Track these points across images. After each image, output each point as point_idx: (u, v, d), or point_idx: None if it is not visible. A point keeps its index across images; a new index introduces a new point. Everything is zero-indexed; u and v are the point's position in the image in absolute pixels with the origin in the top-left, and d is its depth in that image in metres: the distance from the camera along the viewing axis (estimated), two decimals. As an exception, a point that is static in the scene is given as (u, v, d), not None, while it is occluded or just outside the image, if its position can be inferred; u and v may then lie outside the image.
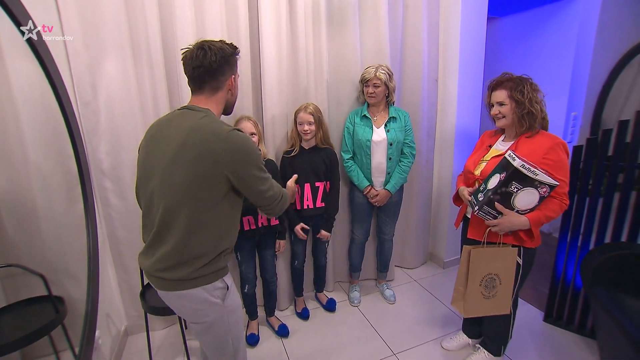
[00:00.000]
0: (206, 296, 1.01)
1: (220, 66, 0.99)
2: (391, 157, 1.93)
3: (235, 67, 1.06)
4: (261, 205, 1.05)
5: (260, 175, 0.99)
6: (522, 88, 1.30)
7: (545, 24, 2.89)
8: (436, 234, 2.63)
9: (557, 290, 1.92)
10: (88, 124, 1.57)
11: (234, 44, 1.05)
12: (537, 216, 1.23)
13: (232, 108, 1.13)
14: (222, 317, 1.06)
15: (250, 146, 0.97)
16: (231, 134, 0.93)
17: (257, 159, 0.99)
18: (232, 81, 1.04)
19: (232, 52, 1.03)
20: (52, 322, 1.44)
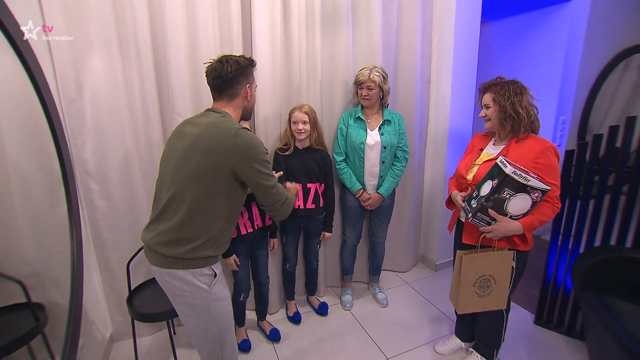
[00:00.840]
0: (192, 279, 1.08)
1: (235, 76, 1.12)
2: (384, 160, 1.91)
3: (251, 77, 1.18)
4: (266, 204, 1.15)
5: (264, 170, 1.08)
6: (504, 92, 1.31)
7: (535, 28, 2.93)
8: (428, 236, 2.63)
9: (548, 293, 1.94)
10: (72, 123, 1.50)
11: (251, 58, 1.18)
12: (531, 221, 1.23)
13: (250, 113, 1.25)
14: (207, 303, 1.11)
15: (257, 144, 1.07)
16: (240, 131, 1.05)
17: (263, 156, 1.08)
18: (247, 89, 1.16)
19: (248, 64, 1.15)
20: (31, 331, 1.37)
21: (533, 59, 2.96)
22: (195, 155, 1.04)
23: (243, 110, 1.20)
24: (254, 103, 1.25)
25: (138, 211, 1.72)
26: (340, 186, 2.11)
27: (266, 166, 1.09)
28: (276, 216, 1.19)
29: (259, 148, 1.07)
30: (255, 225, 1.69)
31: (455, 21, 2.16)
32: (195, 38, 1.63)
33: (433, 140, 2.45)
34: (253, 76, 1.19)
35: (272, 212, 1.18)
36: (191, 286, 1.08)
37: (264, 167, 1.09)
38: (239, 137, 1.04)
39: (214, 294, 1.12)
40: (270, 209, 1.17)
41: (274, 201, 1.14)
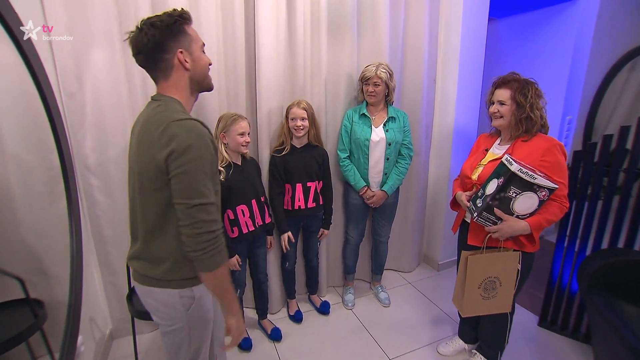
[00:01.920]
0: (169, 301, 0.96)
1: (157, 45, 0.85)
2: (389, 157, 1.89)
3: (185, 37, 0.89)
4: (186, 221, 0.82)
5: (197, 174, 0.81)
6: (526, 91, 1.27)
7: (543, 26, 2.88)
8: (431, 236, 2.60)
9: (553, 295, 1.92)
10: (73, 117, 1.48)
11: (178, 11, 0.88)
12: (538, 220, 1.21)
13: (204, 83, 0.96)
14: (183, 326, 0.99)
15: (195, 136, 0.81)
16: (174, 123, 0.81)
17: (201, 153, 0.82)
18: (180, 56, 0.88)
19: (170, 22, 0.86)
20: (30, 327, 1.35)
21: (540, 57, 2.91)
22: (136, 162, 0.88)
23: (192, 82, 0.93)
24: (205, 67, 0.95)
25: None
26: (344, 184, 2.08)
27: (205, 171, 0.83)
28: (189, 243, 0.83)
29: (200, 141, 0.82)
30: (256, 224, 1.67)
31: (463, 19, 2.12)
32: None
33: (438, 139, 2.42)
34: (189, 34, 0.90)
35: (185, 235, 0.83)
36: (168, 307, 0.97)
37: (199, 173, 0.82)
38: (171, 128, 0.81)
39: (191, 317, 0.99)
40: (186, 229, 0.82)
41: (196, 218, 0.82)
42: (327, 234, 2.01)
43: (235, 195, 1.58)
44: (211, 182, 0.86)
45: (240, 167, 1.61)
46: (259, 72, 1.72)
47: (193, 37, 0.92)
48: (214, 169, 0.88)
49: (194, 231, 0.82)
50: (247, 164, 1.66)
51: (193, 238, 0.82)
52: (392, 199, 2.01)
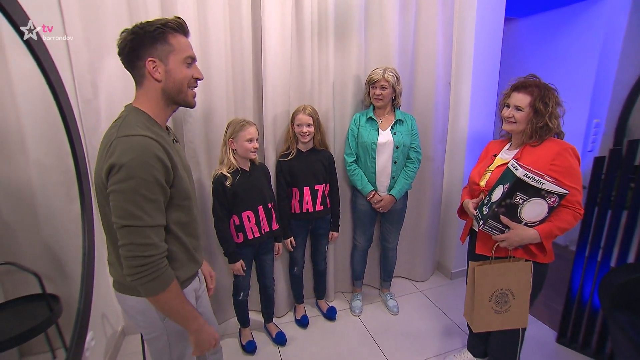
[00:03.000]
0: (143, 308, 0.92)
1: (131, 51, 0.83)
2: (397, 160, 1.85)
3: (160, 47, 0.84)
4: (120, 241, 0.79)
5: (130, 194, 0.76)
6: (547, 100, 1.20)
7: (567, 25, 2.74)
8: (444, 243, 2.52)
9: (573, 309, 1.80)
10: (88, 122, 1.56)
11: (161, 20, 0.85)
12: (548, 228, 1.14)
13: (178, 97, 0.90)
14: (161, 334, 0.97)
15: (136, 154, 0.76)
16: (119, 139, 0.78)
17: (137, 173, 0.76)
18: (148, 65, 0.84)
19: (150, 29, 0.82)
20: (46, 320, 1.43)
21: (563, 58, 2.77)
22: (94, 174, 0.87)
23: (164, 94, 0.88)
24: (181, 81, 0.88)
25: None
26: (351, 189, 2.06)
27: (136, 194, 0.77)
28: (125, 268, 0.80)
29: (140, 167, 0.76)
30: (262, 230, 1.68)
31: (477, 19, 2.06)
32: (206, 37, 1.64)
33: (452, 144, 2.35)
34: (171, 44, 0.85)
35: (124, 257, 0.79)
36: (142, 315, 0.94)
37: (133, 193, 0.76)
38: (114, 145, 0.78)
39: (169, 327, 0.96)
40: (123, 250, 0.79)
41: (125, 253, 0.78)
42: (337, 236, 2.00)
43: (241, 201, 1.59)
44: (152, 203, 0.79)
45: (247, 173, 1.62)
46: (265, 77, 1.74)
47: (175, 48, 0.86)
48: (155, 190, 0.80)
49: (126, 254, 0.79)
50: (255, 170, 1.67)
51: (125, 260, 0.79)
52: (400, 205, 1.97)
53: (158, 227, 0.82)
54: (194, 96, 0.95)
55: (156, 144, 0.82)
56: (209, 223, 1.73)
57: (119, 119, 0.88)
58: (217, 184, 1.56)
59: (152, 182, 0.79)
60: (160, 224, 0.83)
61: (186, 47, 0.89)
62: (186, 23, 0.91)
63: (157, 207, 0.82)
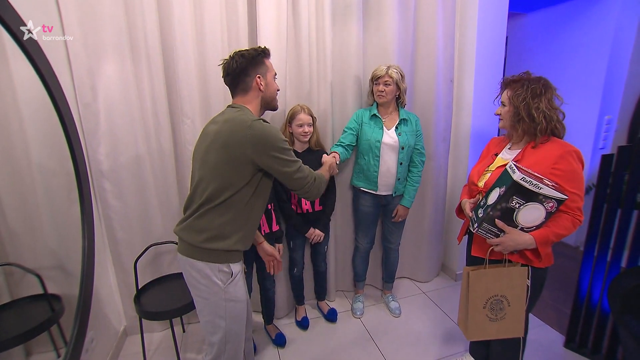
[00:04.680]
0: (209, 273, 1.11)
1: (242, 70, 1.14)
2: (402, 162, 1.83)
3: (263, 67, 1.17)
4: (295, 188, 1.16)
5: (283, 157, 1.08)
6: (520, 92, 1.17)
7: (577, 19, 2.66)
8: (448, 244, 2.47)
9: (581, 313, 1.73)
10: (88, 125, 1.58)
11: (261, 47, 1.18)
12: (545, 234, 1.09)
13: (272, 103, 1.24)
14: (219, 301, 1.13)
15: (272, 132, 1.07)
16: (255, 123, 1.05)
17: (280, 143, 1.07)
18: (258, 80, 1.16)
19: (255, 55, 1.15)
20: (47, 320, 1.46)
21: (573, 53, 2.68)
22: (213, 151, 1.08)
23: (262, 101, 1.20)
24: (274, 92, 1.23)
25: (149, 211, 1.77)
26: (353, 191, 2.04)
27: (286, 152, 1.09)
28: (309, 197, 1.21)
29: (274, 136, 1.07)
30: (262, 231, 1.67)
31: (479, 14, 2.01)
32: (203, 42, 1.65)
33: (454, 143, 2.31)
34: (267, 65, 1.19)
35: (304, 195, 1.19)
36: (207, 279, 1.11)
37: (283, 154, 1.08)
38: (253, 128, 1.04)
39: (228, 293, 1.13)
40: (301, 192, 1.17)
41: (301, 185, 1.15)
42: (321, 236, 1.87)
43: None
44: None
45: None
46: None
47: (269, 68, 1.20)
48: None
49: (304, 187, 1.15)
50: None
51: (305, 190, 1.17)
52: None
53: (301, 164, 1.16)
54: (277, 102, 1.29)
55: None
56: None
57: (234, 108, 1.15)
58: None
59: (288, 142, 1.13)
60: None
61: (273, 67, 1.23)
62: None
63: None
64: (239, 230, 1.12)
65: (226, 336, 1.16)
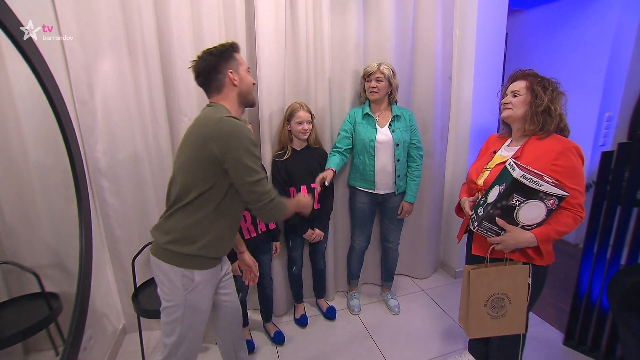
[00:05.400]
0: (171, 276, 1.08)
1: (212, 68, 1.09)
2: (399, 158, 1.82)
3: (234, 61, 1.12)
4: (249, 201, 1.07)
5: (246, 162, 1.01)
6: (546, 84, 1.16)
7: (578, 15, 2.64)
8: (448, 241, 2.47)
9: (581, 310, 1.73)
10: (85, 123, 1.57)
11: (230, 42, 1.13)
12: (546, 231, 1.08)
13: (248, 97, 1.18)
14: (179, 305, 1.09)
15: (242, 132, 1.01)
16: (225, 119, 1.01)
17: (248, 146, 1.01)
18: (230, 75, 1.11)
19: (223, 50, 1.11)
20: (45, 318, 1.46)
21: (573, 50, 2.67)
22: (184, 149, 1.08)
23: (239, 97, 1.15)
24: (249, 85, 1.17)
25: (147, 209, 1.77)
26: (349, 189, 2.03)
27: (251, 157, 1.02)
28: (261, 217, 1.15)
29: (244, 136, 1.01)
30: (259, 230, 1.66)
31: (478, 10, 1.99)
32: (200, 39, 1.64)
33: (454, 140, 2.30)
34: (237, 59, 1.13)
35: (256, 212, 1.10)
36: (170, 282, 1.08)
37: (248, 158, 1.01)
38: (221, 123, 1.00)
39: (189, 300, 1.09)
40: (254, 207, 1.07)
41: (256, 199, 1.05)
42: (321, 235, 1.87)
43: None
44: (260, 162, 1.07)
45: None
46: (260, 74, 1.73)
47: (240, 61, 1.15)
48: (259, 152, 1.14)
49: (257, 202, 1.05)
50: None
51: (258, 206, 1.06)
52: (398, 202, 1.94)
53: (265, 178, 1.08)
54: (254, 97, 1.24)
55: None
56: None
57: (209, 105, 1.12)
58: None
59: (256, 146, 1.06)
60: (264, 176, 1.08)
61: (244, 60, 1.18)
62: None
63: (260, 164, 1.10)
64: (205, 236, 1.07)
65: (180, 340, 1.13)
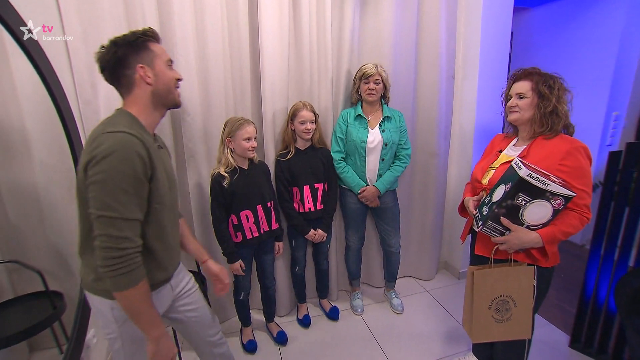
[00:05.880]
0: (102, 309, 0.95)
1: (119, 61, 0.88)
2: (384, 157, 1.82)
3: (148, 54, 0.91)
4: (96, 231, 0.80)
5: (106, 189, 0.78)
6: (552, 83, 1.14)
7: (585, 13, 2.60)
8: (451, 242, 2.45)
9: (587, 312, 1.71)
10: (89, 123, 1.57)
11: (143, 29, 0.92)
12: (552, 232, 1.07)
13: (169, 97, 0.96)
14: (116, 337, 0.98)
15: (120, 153, 0.78)
16: (104, 136, 0.80)
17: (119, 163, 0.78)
18: (140, 71, 0.90)
19: (133, 39, 0.89)
20: (49, 317, 1.47)
21: (580, 48, 2.63)
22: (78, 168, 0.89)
23: (154, 97, 0.93)
24: (169, 82, 0.95)
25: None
26: (340, 187, 2.00)
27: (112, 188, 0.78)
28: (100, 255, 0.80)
29: (115, 161, 0.78)
30: (262, 230, 1.66)
31: (483, 8, 1.97)
32: (203, 39, 1.63)
33: (458, 140, 2.28)
34: (154, 51, 0.92)
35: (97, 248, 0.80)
36: (102, 315, 0.96)
37: (108, 187, 0.78)
38: (98, 140, 0.80)
39: (124, 333, 0.97)
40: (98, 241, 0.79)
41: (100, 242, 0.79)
42: (324, 236, 1.87)
43: (239, 201, 1.58)
44: (128, 196, 0.80)
45: (246, 171, 1.60)
46: (264, 74, 1.72)
47: (157, 53, 0.93)
48: (133, 184, 0.81)
49: (100, 244, 0.79)
50: (254, 169, 1.65)
51: (100, 251, 0.80)
52: (390, 202, 1.93)
53: (133, 220, 0.82)
54: (179, 96, 1.00)
55: (137, 141, 0.84)
56: (208, 223, 1.73)
57: (106, 118, 0.92)
58: (214, 184, 1.55)
59: (130, 176, 0.81)
60: (136, 217, 0.83)
61: (164, 52, 0.96)
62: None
63: (134, 201, 0.82)
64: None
65: None
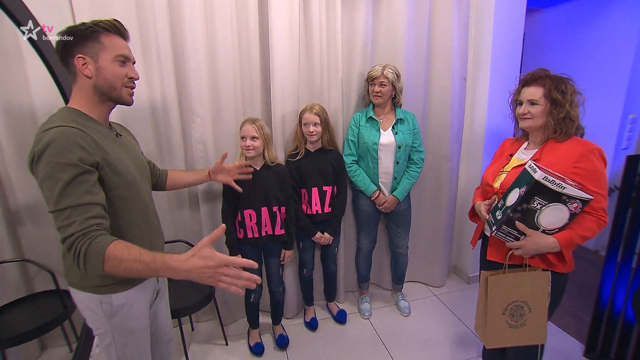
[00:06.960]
0: (90, 304, 0.93)
1: (64, 48, 0.87)
2: (399, 160, 1.80)
3: (90, 45, 0.87)
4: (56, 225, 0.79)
5: (49, 183, 0.77)
6: (563, 87, 1.10)
7: (600, 14, 2.55)
8: (461, 246, 2.41)
9: (603, 320, 1.66)
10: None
11: (97, 20, 0.89)
12: (569, 236, 1.03)
13: (113, 94, 0.91)
14: (106, 332, 0.96)
15: (55, 139, 0.77)
16: (44, 133, 0.80)
17: (56, 156, 0.77)
18: (78, 62, 0.86)
19: (81, 30, 0.86)
20: (59, 316, 1.48)
21: (595, 50, 2.58)
22: None
23: (96, 93, 0.90)
24: (113, 78, 0.90)
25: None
26: (353, 190, 1.99)
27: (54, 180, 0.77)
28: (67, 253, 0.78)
29: (56, 153, 0.77)
30: (263, 232, 1.65)
31: (495, 10, 1.94)
32: (213, 41, 1.64)
33: (468, 143, 2.24)
34: (101, 42, 0.88)
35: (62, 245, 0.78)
36: (90, 311, 0.95)
37: (51, 180, 0.77)
38: (39, 136, 0.80)
39: (114, 326, 0.96)
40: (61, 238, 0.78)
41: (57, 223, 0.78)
42: (330, 239, 1.85)
43: (244, 199, 1.59)
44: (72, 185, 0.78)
45: (255, 172, 1.59)
46: (273, 76, 1.72)
47: (105, 46, 0.88)
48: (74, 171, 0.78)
49: (60, 239, 0.78)
50: (266, 171, 1.63)
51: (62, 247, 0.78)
52: (404, 205, 1.91)
53: (83, 205, 0.79)
54: (130, 95, 0.96)
55: (76, 131, 0.82)
56: (216, 224, 1.73)
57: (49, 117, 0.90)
58: None
59: (71, 165, 0.78)
60: (86, 202, 0.79)
61: (119, 47, 0.91)
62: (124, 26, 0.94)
63: (81, 188, 0.79)
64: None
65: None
